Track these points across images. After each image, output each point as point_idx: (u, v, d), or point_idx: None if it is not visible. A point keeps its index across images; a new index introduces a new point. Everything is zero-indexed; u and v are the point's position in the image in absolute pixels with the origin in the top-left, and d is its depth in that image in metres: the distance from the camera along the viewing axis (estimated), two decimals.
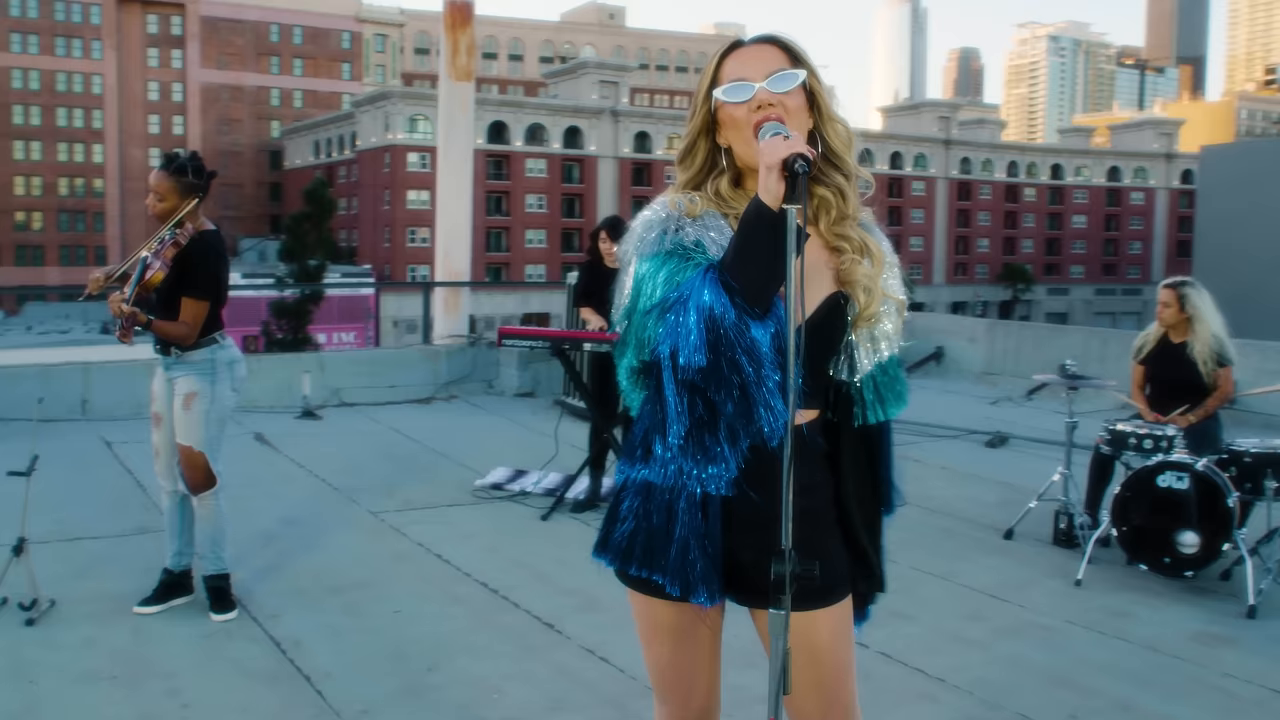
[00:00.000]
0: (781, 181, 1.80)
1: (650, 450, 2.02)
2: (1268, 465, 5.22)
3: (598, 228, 6.61)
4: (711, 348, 1.87)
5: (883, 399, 2.10)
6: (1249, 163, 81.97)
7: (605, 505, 6.30)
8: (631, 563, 2.05)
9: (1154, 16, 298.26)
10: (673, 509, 1.99)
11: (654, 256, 1.97)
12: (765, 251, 1.83)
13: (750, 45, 2.05)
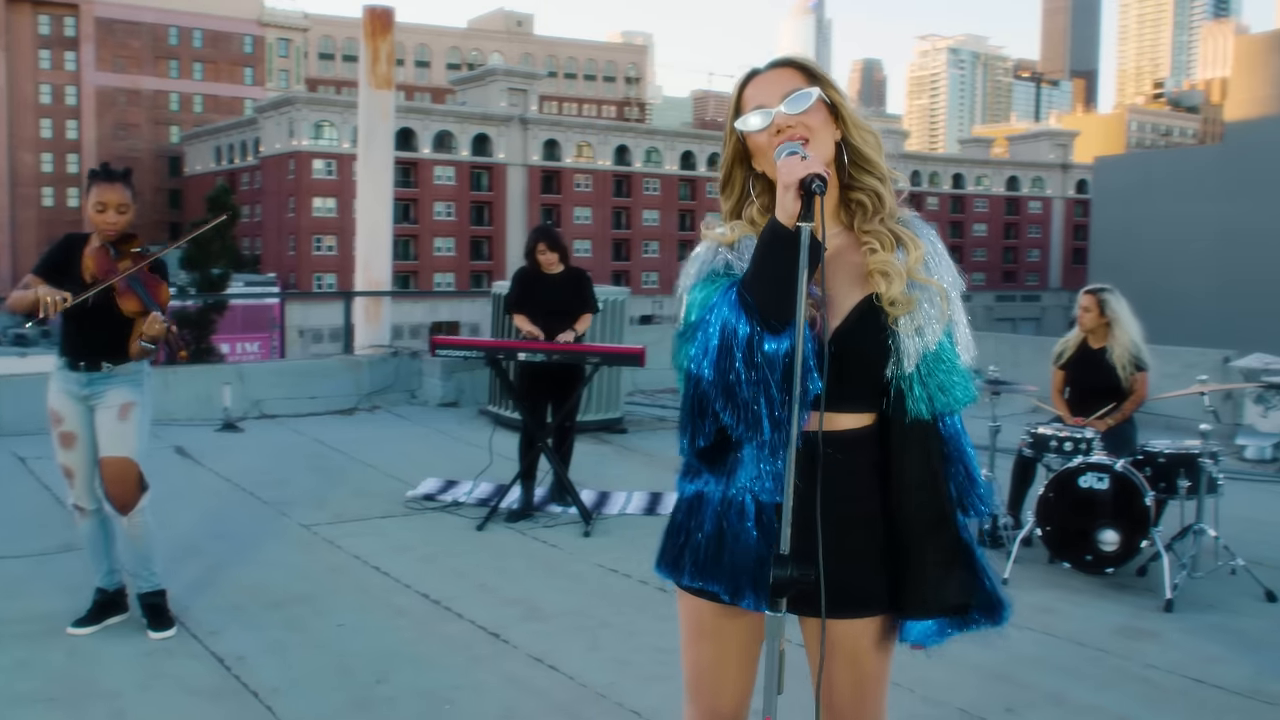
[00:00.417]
0: (798, 200, 1.87)
1: (697, 467, 2.11)
2: (1180, 465, 5.46)
3: (534, 237, 6.62)
4: (722, 362, 1.94)
5: (930, 392, 2.01)
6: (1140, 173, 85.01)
7: (539, 514, 6.38)
8: (684, 574, 2.11)
9: (1048, 31, 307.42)
10: (723, 519, 2.05)
11: (694, 287, 2.07)
12: (781, 268, 1.89)
13: (766, 71, 2.11)
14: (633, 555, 5.72)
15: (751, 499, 2.02)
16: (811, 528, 1.94)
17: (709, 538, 2.06)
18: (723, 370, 1.94)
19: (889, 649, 2.13)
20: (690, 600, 2.15)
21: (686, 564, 2.09)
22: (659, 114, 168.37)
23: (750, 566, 2.02)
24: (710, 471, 2.08)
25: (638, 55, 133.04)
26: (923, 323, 1.99)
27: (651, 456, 8.51)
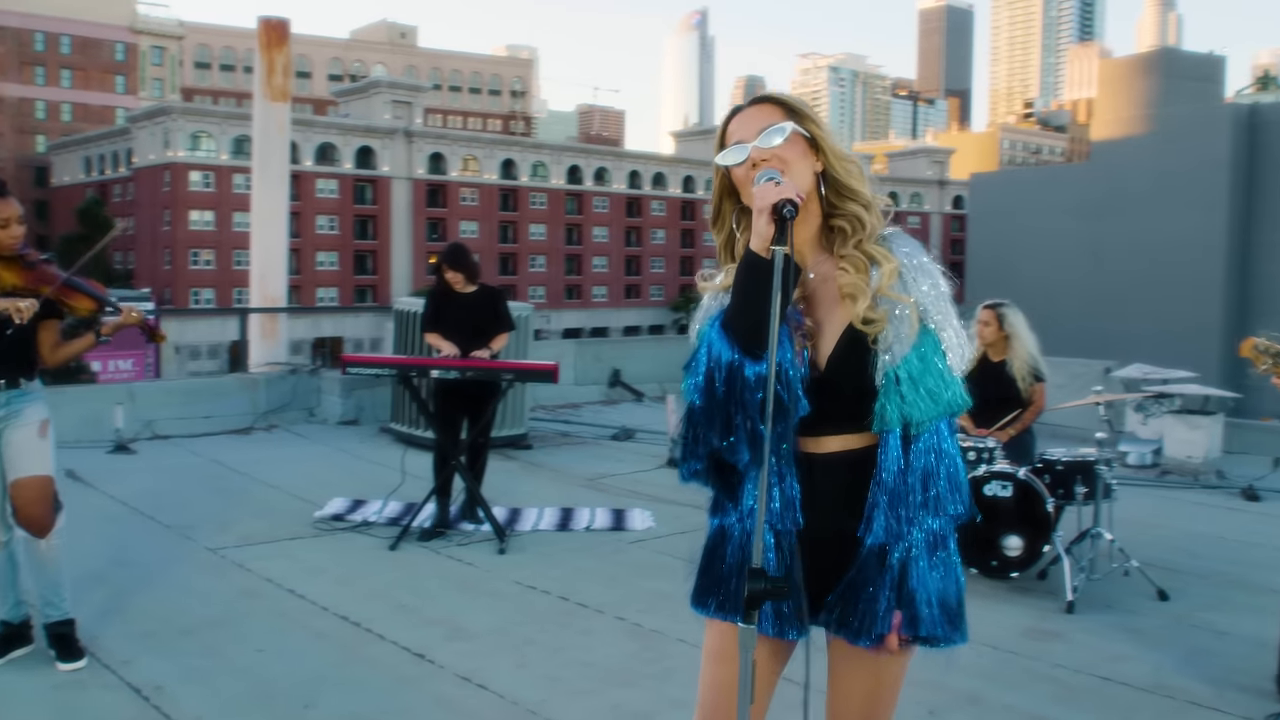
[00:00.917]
0: (771, 224, 1.94)
1: (719, 500, 2.19)
2: (1077, 472, 5.70)
3: (441, 257, 6.58)
4: (710, 389, 2.01)
5: (903, 399, 2.02)
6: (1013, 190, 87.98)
7: (452, 532, 6.33)
8: (714, 608, 2.18)
9: (924, 51, 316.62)
10: (744, 550, 2.12)
11: (702, 327, 2.13)
12: (761, 296, 1.94)
13: (747, 108, 2.18)
14: (550, 571, 5.73)
15: (769, 528, 2.07)
16: (805, 547, 2.07)
17: (732, 570, 2.13)
18: (711, 397, 2.01)
19: (907, 659, 2.18)
20: (716, 625, 2.20)
21: (715, 598, 2.17)
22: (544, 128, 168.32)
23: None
24: (730, 502, 2.15)
25: (523, 69, 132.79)
26: (892, 339, 2.03)
27: (559, 472, 8.52)
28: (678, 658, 4.54)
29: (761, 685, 2.20)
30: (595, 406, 12.17)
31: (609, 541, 6.46)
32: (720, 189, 2.22)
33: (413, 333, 9.10)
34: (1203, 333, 54.38)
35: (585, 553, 6.18)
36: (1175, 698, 4.27)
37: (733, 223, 2.22)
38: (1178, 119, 64.00)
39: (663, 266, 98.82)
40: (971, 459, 5.88)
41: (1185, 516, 7.61)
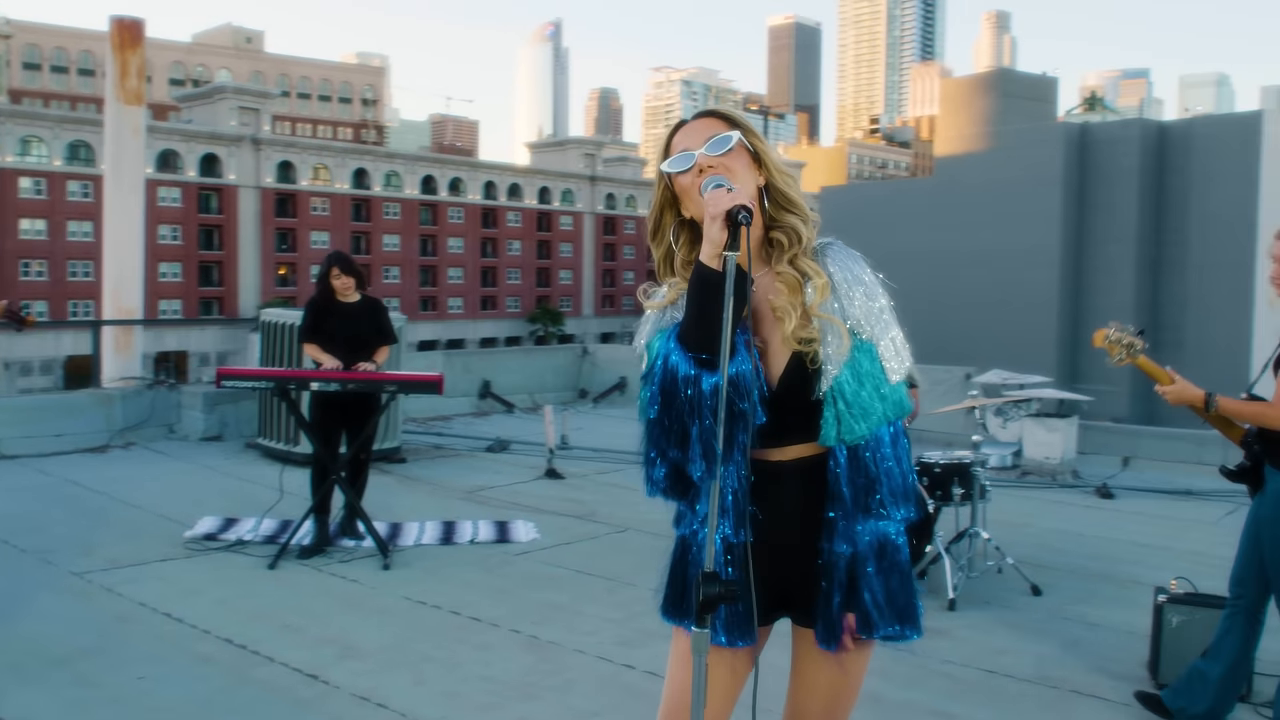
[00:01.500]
0: (724, 230, 1.95)
1: (682, 512, 2.22)
2: (954, 474, 5.89)
3: (328, 263, 6.41)
4: (668, 402, 2.02)
5: (839, 419, 2.07)
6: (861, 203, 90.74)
7: (334, 549, 6.15)
8: (679, 617, 2.19)
9: (774, 67, 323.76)
10: (691, 559, 2.16)
11: (651, 339, 2.15)
12: (710, 306, 1.96)
13: (692, 120, 2.21)
14: (438, 587, 5.63)
15: (720, 538, 2.09)
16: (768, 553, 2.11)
17: (685, 578, 2.17)
18: (668, 409, 2.02)
19: (868, 653, 2.23)
20: (678, 633, 2.22)
21: (671, 604, 2.20)
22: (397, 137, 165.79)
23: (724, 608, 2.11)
24: (686, 506, 2.18)
25: (374, 77, 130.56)
26: (824, 357, 2.08)
27: (436, 485, 8.38)
28: (577, 669, 4.52)
29: (725, 693, 2.22)
30: (466, 418, 12.02)
31: (495, 554, 6.38)
32: (661, 201, 2.23)
33: (282, 345, 8.83)
34: (1041, 341, 57.02)
35: (472, 566, 6.09)
36: (1059, 687, 4.45)
37: (672, 236, 2.23)
38: (1015, 136, 67.01)
39: (519, 278, 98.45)
40: None
41: (1048, 515, 7.94)
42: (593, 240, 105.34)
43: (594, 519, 7.34)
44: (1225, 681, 3.95)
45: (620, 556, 6.38)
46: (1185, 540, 7.20)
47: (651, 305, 2.22)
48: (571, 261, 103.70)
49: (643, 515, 7.42)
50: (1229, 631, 3.96)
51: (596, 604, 5.43)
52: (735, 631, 2.15)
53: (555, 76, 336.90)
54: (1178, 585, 4.59)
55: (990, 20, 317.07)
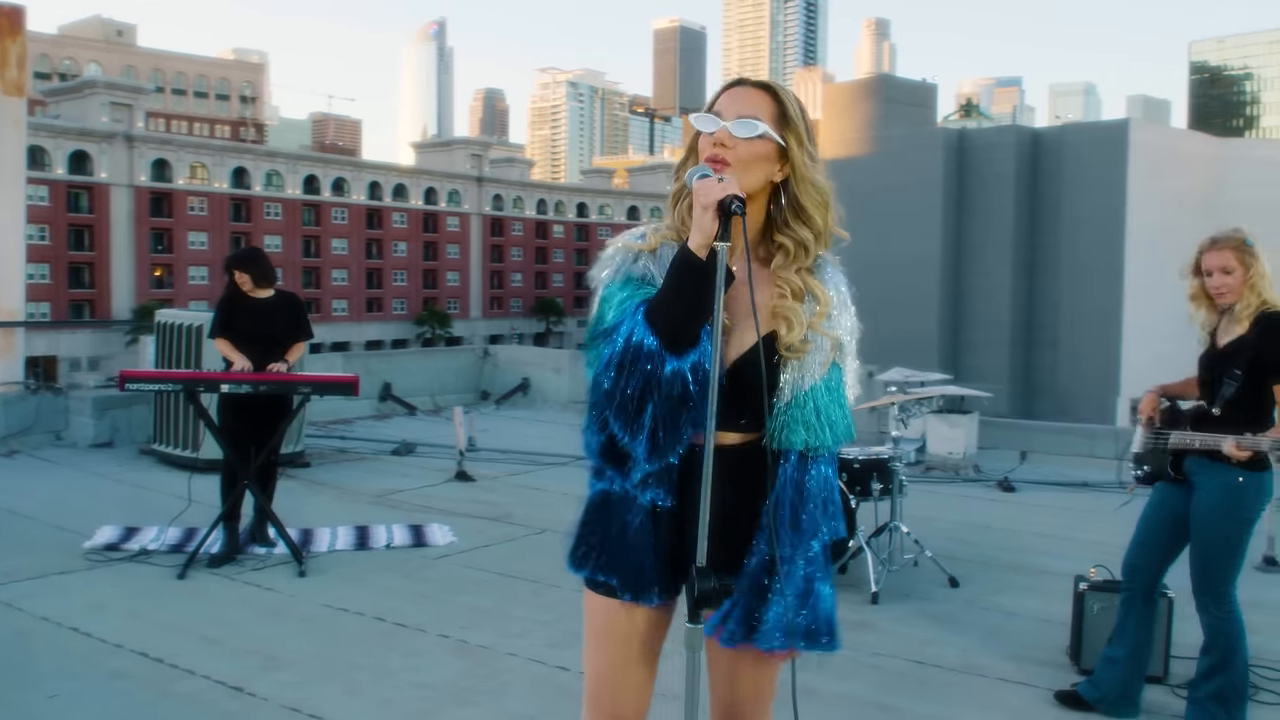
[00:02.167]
0: (716, 220, 1.92)
1: (602, 468, 2.13)
2: (873, 470, 5.98)
3: (233, 261, 6.20)
4: (621, 376, 1.98)
5: (807, 426, 2.08)
6: None
7: (244, 556, 5.95)
8: (590, 568, 2.16)
9: (659, 70, 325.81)
10: (626, 519, 2.10)
11: (612, 284, 2.10)
12: (690, 293, 1.94)
13: (745, 86, 2.13)
14: (359, 593, 5.49)
15: (647, 498, 2.08)
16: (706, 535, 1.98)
17: (613, 535, 2.12)
18: (620, 383, 1.99)
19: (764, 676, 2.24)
20: (597, 600, 2.19)
21: (593, 559, 2.16)
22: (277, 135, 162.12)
23: (651, 561, 2.10)
24: (615, 470, 2.10)
25: (253, 73, 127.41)
26: (805, 369, 2.09)
27: (343, 490, 8.19)
28: (511, 673, 4.45)
29: (647, 665, 2.23)
30: (367, 421, 11.78)
31: (413, 559, 6.26)
32: (690, 145, 2.19)
33: (179, 347, 8.52)
34: (923, 342, 58.49)
35: (391, 571, 5.96)
36: (986, 675, 4.55)
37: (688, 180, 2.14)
38: (897, 141, 68.63)
39: (405, 280, 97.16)
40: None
41: (955, 508, 8.13)
42: (480, 242, 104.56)
43: (510, 521, 7.25)
44: (1132, 664, 4.11)
45: (541, 558, 6.31)
46: (1086, 530, 7.44)
47: (625, 244, 2.15)
48: (459, 263, 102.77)
49: (559, 516, 7.34)
50: (1128, 616, 4.12)
51: (523, 606, 5.36)
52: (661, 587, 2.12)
53: (439, 76, 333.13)
54: (1096, 573, 4.73)
55: (870, 27, 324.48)
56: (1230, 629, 3.84)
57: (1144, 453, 4.14)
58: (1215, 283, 3.82)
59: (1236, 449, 3.61)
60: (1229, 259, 3.80)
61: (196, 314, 8.43)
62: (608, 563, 2.13)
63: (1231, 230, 3.90)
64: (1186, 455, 3.91)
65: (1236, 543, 3.84)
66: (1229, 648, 3.84)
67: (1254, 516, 3.86)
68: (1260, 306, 3.78)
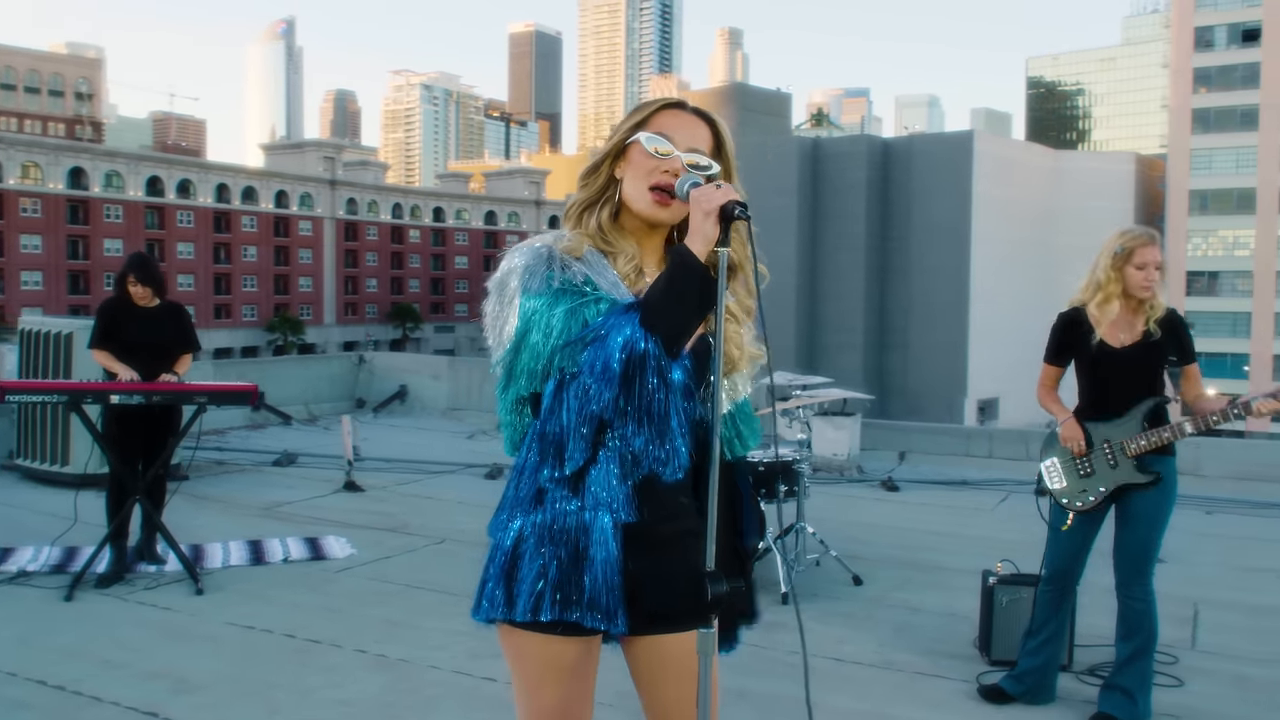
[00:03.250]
0: (718, 226, 1.92)
1: (542, 491, 2.01)
2: (779, 472, 6.08)
3: (125, 268, 5.92)
4: (628, 383, 1.94)
5: (741, 434, 2.23)
6: None
7: (134, 575, 5.68)
8: (544, 609, 1.97)
9: (515, 74, 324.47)
10: (581, 544, 1.98)
11: (542, 294, 1.99)
12: (693, 299, 1.93)
13: (689, 113, 2.12)
14: (263, 609, 5.31)
15: (610, 517, 1.98)
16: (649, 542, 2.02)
17: (566, 565, 1.97)
18: (633, 391, 1.95)
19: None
20: (543, 641, 2.02)
21: (544, 599, 1.96)
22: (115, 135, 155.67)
23: (619, 585, 1.98)
24: (565, 495, 1.99)
25: (89, 69, 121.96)
26: (739, 382, 2.18)
27: (228, 503, 7.90)
28: (436, 686, 4.37)
29: (591, 696, 2.16)
30: (241, 431, 11.39)
31: (313, 572, 6.08)
32: (611, 153, 2.13)
33: (45, 356, 8.07)
34: (780, 345, 59.71)
35: (293, 586, 5.78)
36: (903, 670, 4.68)
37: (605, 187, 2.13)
38: (754, 149, 69.84)
39: (255, 285, 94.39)
40: None
41: (844, 509, 8.32)
42: (334, 246, 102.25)
43: (407, 531, 7.12)
44: (1051, 656, 4.29)
45: (445, 568, 6.22)
46: (971, 527, 7.71)
47: (554, 253, 2.04)
48: (311, 268, 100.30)
49: (457, 526, 7.28)
50: (1053, 612, 4.29)
51: (436, 618, 5.26)
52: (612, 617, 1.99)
53: (288, 76, 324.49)
54: (1003, 568, 4.90)
55: (724, 36, 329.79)
56: (1153, 612, 4.04)
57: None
58: (1149, 277, 3.98)
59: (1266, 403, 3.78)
60: (1159, 255, 4.01)
61: (65, 321, 8.02)
62: (567, 598, 1.95)
63: (1145, 229, 4.11)
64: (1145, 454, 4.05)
65: (1165, 528, 4.07)
66: (1150, 632, 4.04)
67: (1172, 504, 4.09)
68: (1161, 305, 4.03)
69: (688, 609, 1.97)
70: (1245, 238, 70.07)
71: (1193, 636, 5.22)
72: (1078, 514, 4.14)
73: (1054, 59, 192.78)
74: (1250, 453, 9.97)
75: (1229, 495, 8.90)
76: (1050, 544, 4.28)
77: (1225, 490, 9.05)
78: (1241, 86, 70.15)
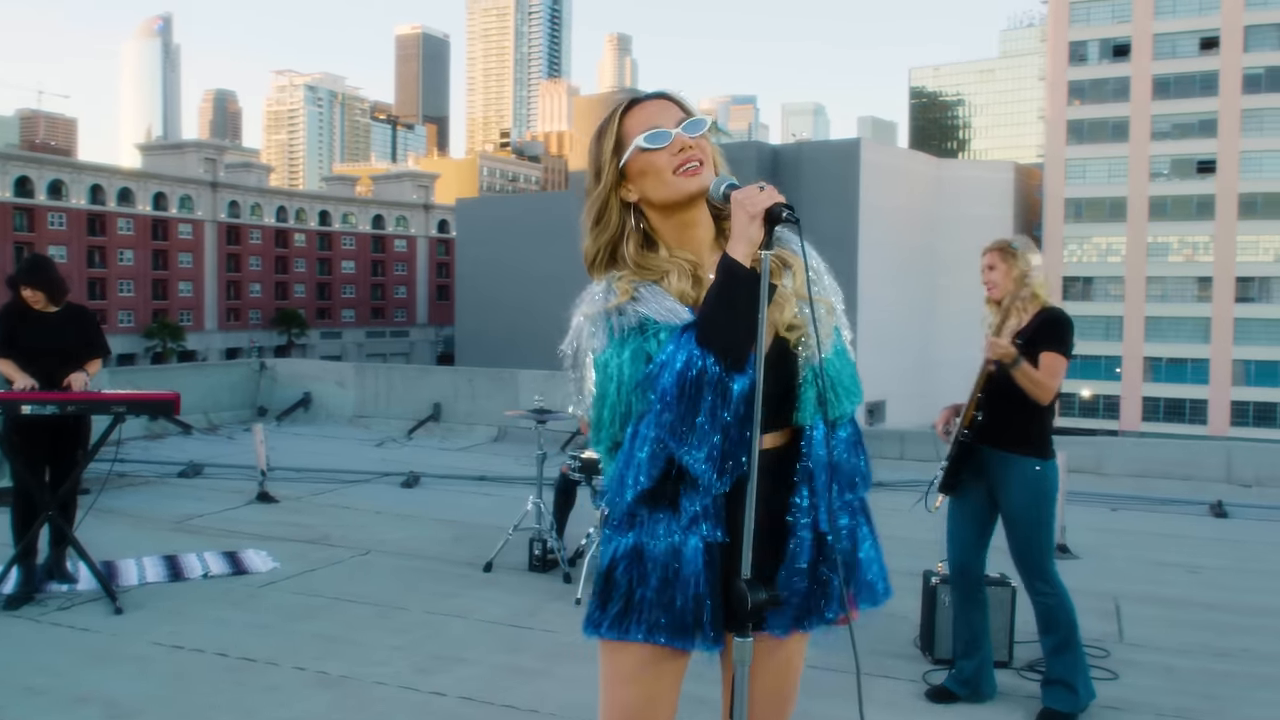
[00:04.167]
0: (763, 228, 1.90)
1: (633, 515, 2.02)
2: None
3: (15, 274, 5.60)
4: (690, 405, 1.91)
5: (829, 402, 2.04)
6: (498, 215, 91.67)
7: (43, 595, 5.41)
8: (631, 631, 2.02)
9: (402, 76, 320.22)
10: (668, 567, 1.99)
11: (608, 346, 2.02)
12: (745, 307, 1.90)
13: (649, 100, 2.11)
14: (189, 628, 5.11)
15: (699, 539, 1.99)
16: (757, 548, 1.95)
17: (657, 590, 2.00)
18: (690, 412, 1.92)
19: (803, 655, 2.24)
20: (625, 646, 2.05)
21: (632, 622, 2.01)
22: None
23: (703, 606, 2.00)
24: (652, 516, 2.01)
25: None
26: (814, 341, 2.05)
27: (137, 517, 7.59)
28: (385, 703, 4.26)
29: (673, 701, 2.17)
30: (139, 442, 10.94)
31: (236, 588, 5.87)
32: (611, 184, 2.10)
33: None
34: None
35: (217, 602, 5.56)
36: (850, 672, 4.68)
37: (621, 223, 2.11)
38: None
39: (132, 290, 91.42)
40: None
41: None
42: (215, 250, 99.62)
43: (329, 543, 6.92)
44: (984, 651, 4.38)
45: (374, 580, 6.07)
46: (889, 527, 7.74)
47: (603, 307, 2.04)
48: (192, 272, 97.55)
49: (379, 536, 7.12)
50: (970, 608, 4.43)
51: (373, 631, 5.13)
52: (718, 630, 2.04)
53: (165, 74, 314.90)
54: (944, 568, 4.98)
55: (613, 42, 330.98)
56: (1065, 603, 4.21)
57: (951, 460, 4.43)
58: (984, 279, 4.33)
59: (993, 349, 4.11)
60: (994, 259, 4.32)
61: None
62: (654, 621, 2.00)
63: (1001, 238, 4.44)
64: (985, 455, 4.28)
65: (1047, 523, 4.24)
66: (1070, 622, 4.17)
67: (1054, 497, 4.27)
68: (1034, 302, 4.26)
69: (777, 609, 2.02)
70: (1118, 244, 73.02)
71: (1119, 630, 5.38)
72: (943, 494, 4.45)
73: (935, 70, 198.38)
74: (1146, 451, 10.36)
75: (1129, 492, 9.23)
76: (947, 537, 4.52)
77: (1126, 488, 9.39)
78: (1113, 99, 73.16)
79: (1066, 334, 4.24)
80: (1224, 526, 8.26)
